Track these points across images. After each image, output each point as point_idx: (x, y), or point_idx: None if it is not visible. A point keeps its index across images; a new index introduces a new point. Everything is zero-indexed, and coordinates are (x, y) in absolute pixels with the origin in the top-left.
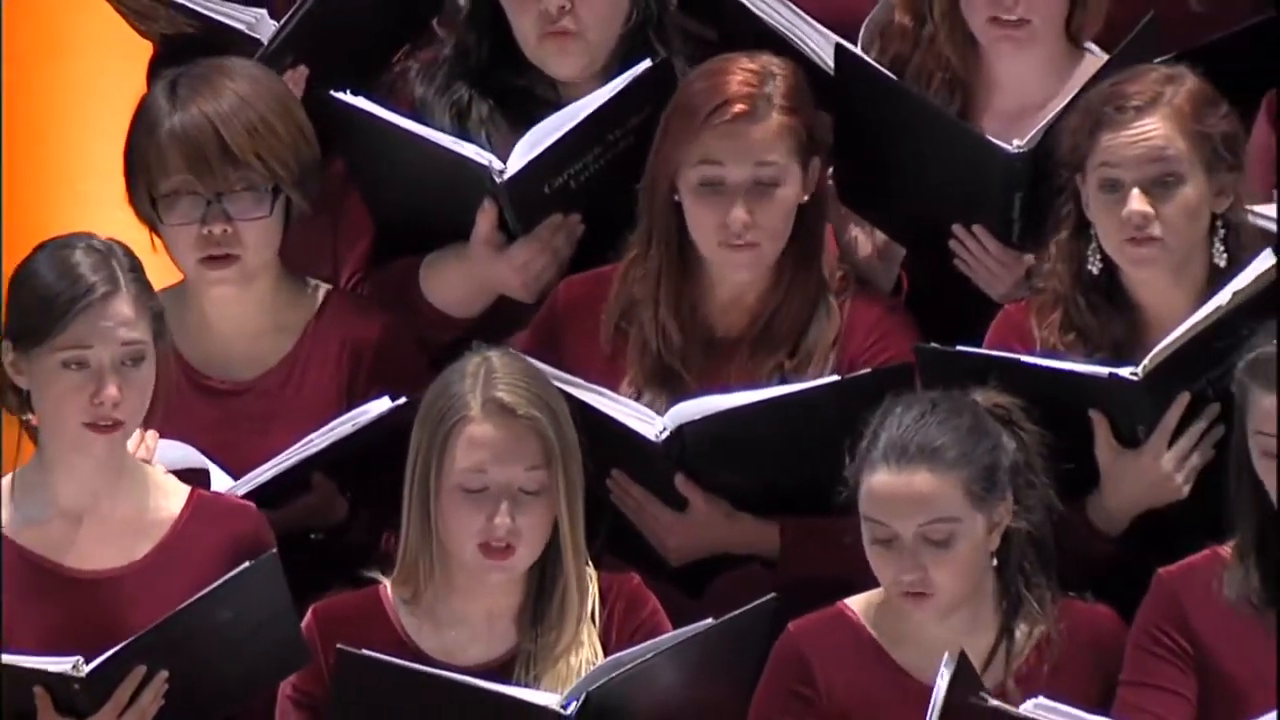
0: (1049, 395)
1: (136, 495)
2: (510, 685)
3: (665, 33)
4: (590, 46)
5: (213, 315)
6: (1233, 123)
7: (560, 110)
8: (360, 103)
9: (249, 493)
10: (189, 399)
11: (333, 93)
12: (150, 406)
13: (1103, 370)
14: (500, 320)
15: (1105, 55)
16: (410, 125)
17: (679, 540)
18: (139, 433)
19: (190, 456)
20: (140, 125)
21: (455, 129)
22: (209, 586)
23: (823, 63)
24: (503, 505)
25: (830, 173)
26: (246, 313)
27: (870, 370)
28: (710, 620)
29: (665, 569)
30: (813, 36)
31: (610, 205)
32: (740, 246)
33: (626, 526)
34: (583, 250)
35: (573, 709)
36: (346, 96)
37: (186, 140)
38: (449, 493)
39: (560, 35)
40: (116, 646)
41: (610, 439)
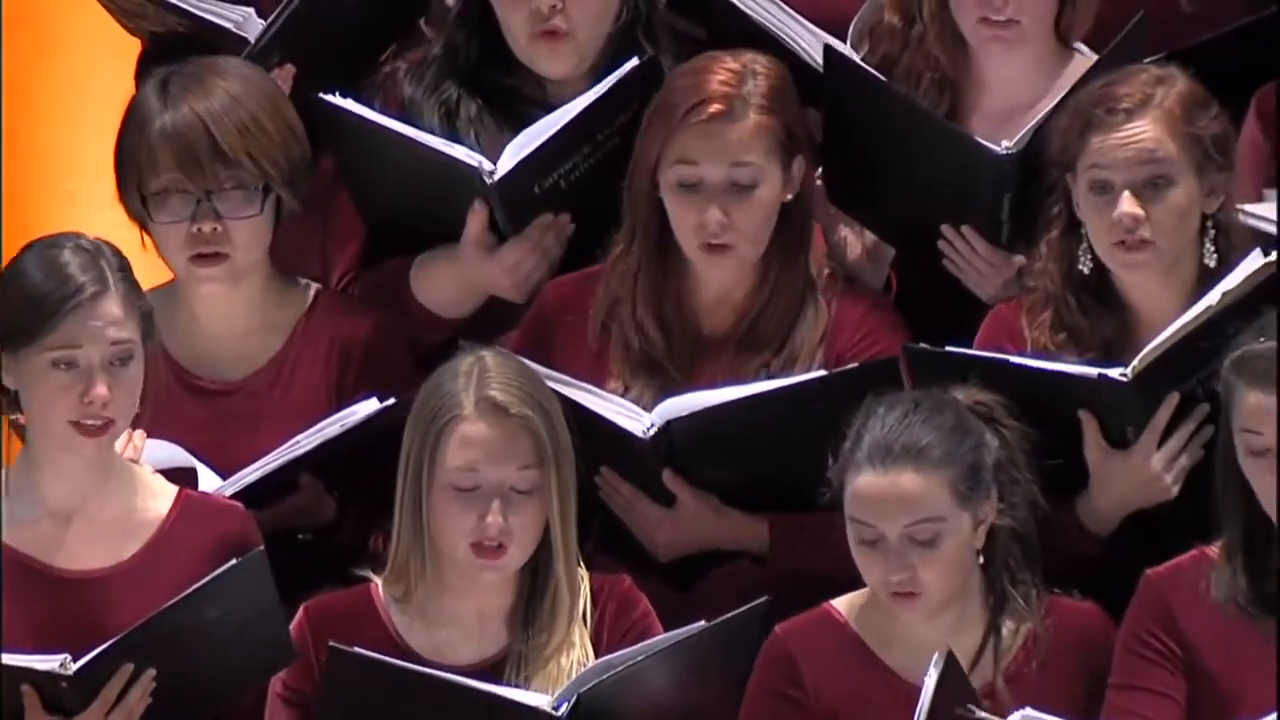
0: (1039, 396)
1: (124, 495)
2: (501, 685)
3: (653, 32)
4: (581, 46)
5: (202, 314)
6: (1223, 124)
7: (549, 109)
8: (350, 105)
9: (237, 493)
10: (178, 399)
11: (322, 95)
12: (138, 406)
13: (1092, 371)
14: (491, 320)
15: (1094, 55)
16: (400, 127)
17: (668, 536)
18: (127, 432)
19: (178, 456)
20: (131, 123)
21: (444, 128)
22: (196, 585)
23: (812, 61)
24: (494, 504)
25: (820, 173)
26: (236, 312)
27: (858, 364)
28: (702, 623)
29: (655, 565)
30: (802, 35)
31: (600, 205)
32: (717, 247)
33: (617, 525)
34: (573, 250)
35: (564, 710)
36: (336, 99)
37: (177, 138)
38: (441, 491)
39: (551, 35)
40: (104, 645)
41: (598, 436)
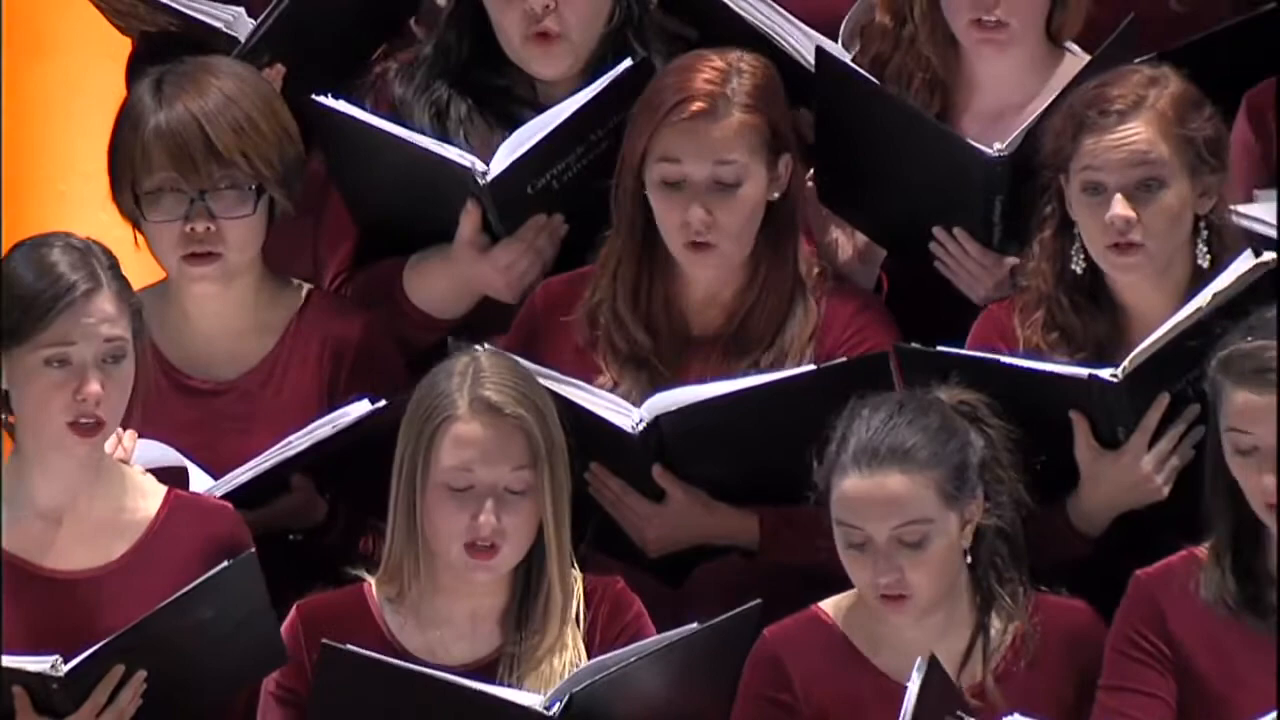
0: (1030, 396)
1: (114, 495)
2: (494, 685)
3: (645, 33)
4: (574, 47)
5: (194, 314)
6: (1216, 125)
7: (539, 110)
8: (342, 106)
9: (228, 493)
10: (170, 398)
11: (314, 97)
12: (128, 405)
13: (1083, 371)
14: (483, 321)
15: (1086, 55)
16: (392, 128)
17: (657, 531)
18: (117, 432)
19: (168, 456)
20: (125, 122)
21: (434, 128)
22: (187, 586)
23: (804, 60)
24: (488, 504)
25: (811, 173)
26: (228, 312)
27: (847, 358)
28: (695, 625)
29: (645, 560)
30: (794, 35)
31: (593, 205)
32: (701, 246)
33: (610, 524)
34: (566, 250)
35: (556, 710)
36: (328, 100)
37: (171, 137)
38: (435, 491)
39: (544, 37)
40: (94, 646)
41: (587, 431)
